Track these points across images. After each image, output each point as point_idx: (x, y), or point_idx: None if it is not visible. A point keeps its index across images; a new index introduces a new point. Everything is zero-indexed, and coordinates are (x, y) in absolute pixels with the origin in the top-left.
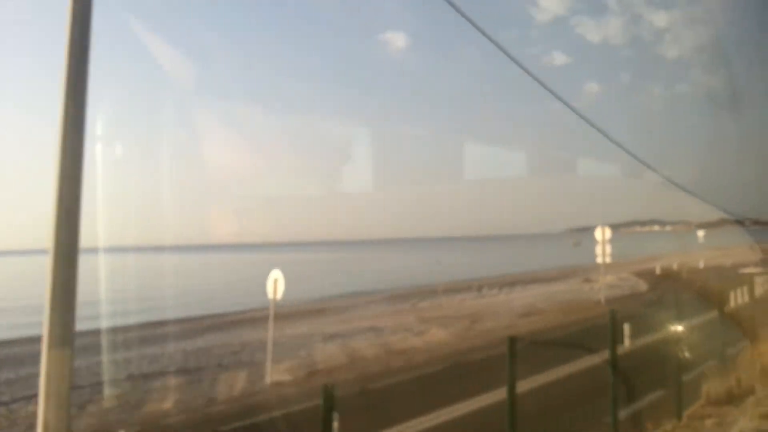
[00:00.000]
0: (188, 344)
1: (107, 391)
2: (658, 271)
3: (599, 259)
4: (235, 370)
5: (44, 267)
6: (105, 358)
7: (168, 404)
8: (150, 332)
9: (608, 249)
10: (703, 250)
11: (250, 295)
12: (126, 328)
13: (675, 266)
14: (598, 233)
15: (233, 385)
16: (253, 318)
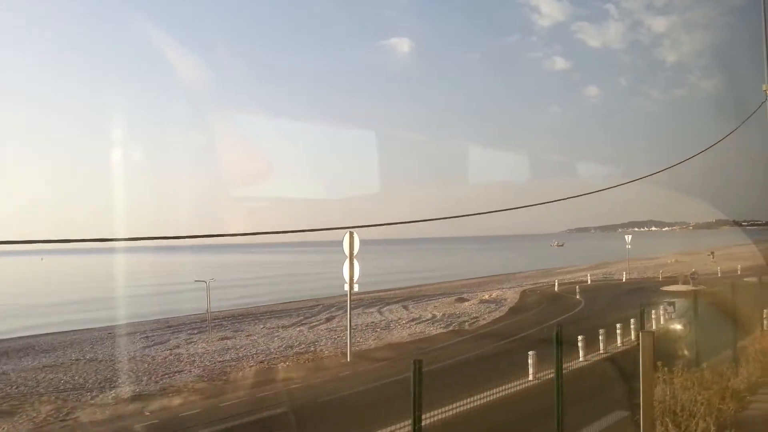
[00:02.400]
0: None
1: None
2: (557, 288)
3: (346, 287)
4: None
5: None
6: None
7: None
8: None
9: (358, 265)
10: (663, 255)
11: None
12: None
13: (589, 280)
14: (345, 243)
15: None
16: None
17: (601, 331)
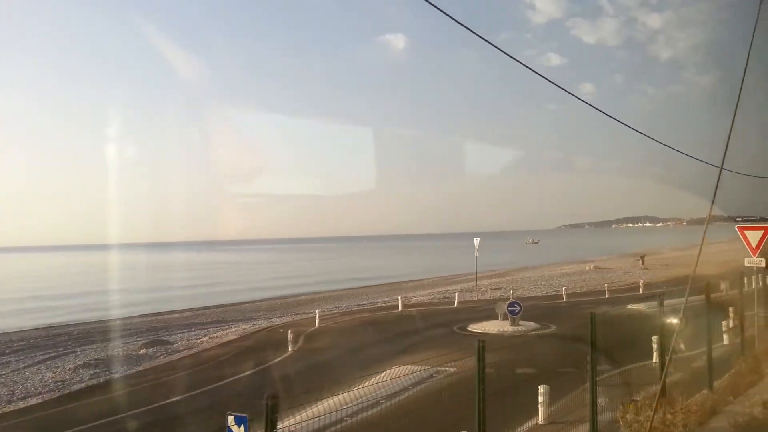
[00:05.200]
0: None
1: None
2: (317, 323)
3: None
4: None
5: None
6: None
7: None
8: None
9: None
10: (595, 259)
11: None
12: None
13: (400, 306)
14: None
15: None
16: None
17: None
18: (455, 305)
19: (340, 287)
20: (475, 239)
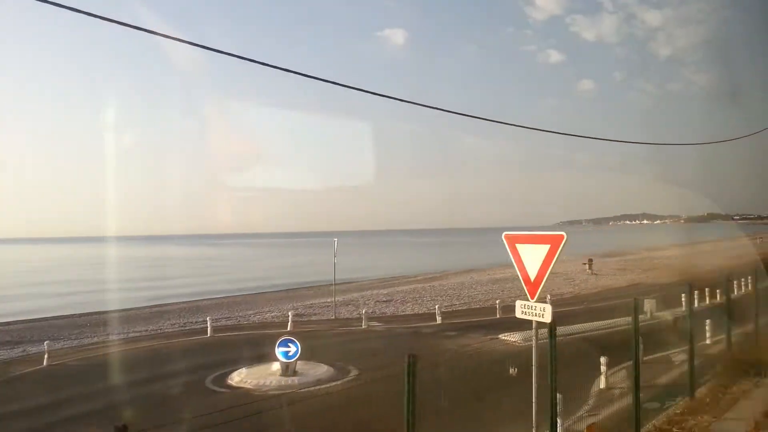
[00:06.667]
0: None
1: None
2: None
3: None
4: None
5: None
6: None
7: None
8: None
9: None
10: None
11: None
12: None
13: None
14: None
15: None
16: None
17: None
18: (288, 328)
19: (234, 294)
20: (334, 240)
